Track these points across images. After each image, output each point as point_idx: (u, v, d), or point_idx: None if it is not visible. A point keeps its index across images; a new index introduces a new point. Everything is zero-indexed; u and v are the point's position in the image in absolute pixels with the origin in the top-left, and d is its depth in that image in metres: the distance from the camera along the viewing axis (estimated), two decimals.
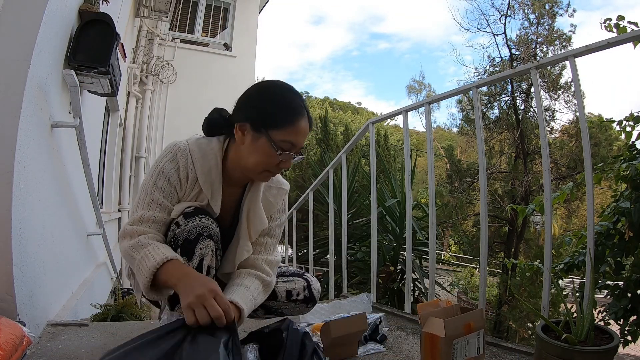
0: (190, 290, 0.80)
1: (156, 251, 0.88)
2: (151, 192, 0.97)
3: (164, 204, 0.97)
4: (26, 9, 1.23)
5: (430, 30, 74.51)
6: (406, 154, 1.94)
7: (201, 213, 0.96)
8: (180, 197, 1.00)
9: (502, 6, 8.89)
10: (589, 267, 1.25)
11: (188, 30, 5.89)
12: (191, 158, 0.98)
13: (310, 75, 77.85)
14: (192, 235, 0.93)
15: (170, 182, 0.97)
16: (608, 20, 1.97)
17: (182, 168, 0.98)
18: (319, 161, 8.81)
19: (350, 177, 4.16)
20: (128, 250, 0.92)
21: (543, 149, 1.44)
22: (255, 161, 0.97)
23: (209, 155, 1.00)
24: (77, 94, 1.58)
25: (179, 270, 0.87)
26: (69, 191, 1.85)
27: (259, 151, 0.96)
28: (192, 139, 1.03)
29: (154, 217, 0.95)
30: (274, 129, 0.95)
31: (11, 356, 0.95)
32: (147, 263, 0.87)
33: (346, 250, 2.29)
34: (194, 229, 0.93)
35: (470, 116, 9.52)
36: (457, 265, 10.80)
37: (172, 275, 0.86)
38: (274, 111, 0.96)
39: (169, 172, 0.97)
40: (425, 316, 1.00)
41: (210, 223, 0.96)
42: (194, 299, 0.79)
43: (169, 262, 0.87)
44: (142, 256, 0.88)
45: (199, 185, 0.99)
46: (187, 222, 0.94)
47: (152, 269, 0.86)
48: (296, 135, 0.97)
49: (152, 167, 1.00)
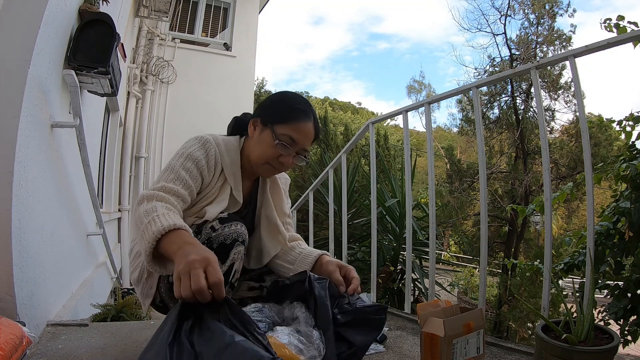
0: (183, 258, 0.72)
1: (166, 217, 0.83)
2: (177, 171, 0.99)
3: (188, 183, 0.99)
4: (26, 9, 1.23)
5: (429, 31, 74.58)
6: (406, 154, 1.95)
7: (236, 220, 1.00)
8: (205, 184, 1.04)
9: (502, 6, 8.92)
10: (589, 267, 1.25)
11: (188, 30, 5.89)
12: (219, 151, 1.06)
13: (310, 76, 77.90)
14: (229, 240, 0.96)
15: (197, 166, 1.02)
16: (608, 20, 1.97)
17: (211, 156, 1.04)
18: (319, 161, 8.81)
19: (350, 177, 4.16)
20: (141, 214, 0.85)
21: (543, 149, 1.44)
22: (259, 153, 1.07)
23: (231, 150, 1.09)
24: (77, 94, 1.58)
25: (182, 238, 0.79)
26: (69, 191, 1.85)
27: (262, 143, 1.06)
28: (215, 135, 1.10)
29: (177, 190, 0.96)
30: (279, 123, 1.05)
31: (11, 356, 0.95)
32: (152, 227, 0.80)
33: (346, 250, 2.30)
34: (230, 235, 0.96)
35: (470, 116, 9.52)
36: (457, 265, 10.80)
37: (174, 243, 0.78)
38: (281, 108, 1.08)
39: (198, 156, 1.02)
40: (425, 316, 1.00)
41: (244, 230, 1.00)
42: (183, 266, 0.70)
43: (176, 230, 0.80)
44: (150, 220, 0.82)
45: (224, 177, 1.07)
46: (223, 227, 0.97)
47: (156, 234, 0.79)
48: (297, 132, 1.05)
49: (178, 152, 1.04)
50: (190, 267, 0.69)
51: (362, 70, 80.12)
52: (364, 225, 4.21)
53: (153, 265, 0.83)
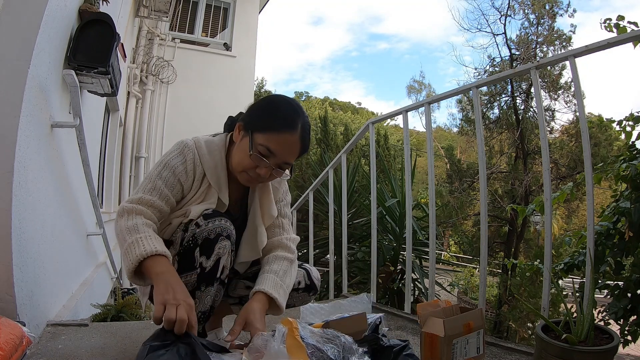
0: (171, 290, 0.83)
1: (148, 241, 0.89)
2: (154, 180, 1.00)
3: (164, 193, 1.00)
4: (26, 9, 1.23)
5: (429, 31, 74.55)
6: (406, 154, 1.94)
7: (220, 215, 0.99)
8: (185, 191, 1.03)
9: (502, 6, 8.92)
10: (589, 267, 1.25)
11: (188, 30, 5.89)
12: (198, 154, 1.03)
13: (310, 76, 77.83)
14: (212, 235, 0.96)
15: (174, 174, 1.01)
16: (608, 20, 1.97)
17: (189, 162, 1.02)
18: (319, 161, 8.82)
19: (350, 177, 4.16)
20: (123, 230, 0.93)
21: (543, 149, 1.44)
22: (237, 160, 1.02)
23: (214, 151, 1.05)
24: (77, 94, 1.58)
25: (166, 266, 0.89)
26: (69, 191, 1.85)
27: (241, 150, 1.01)
28: (199, 137, 1.07)
29: (153, 201, 0.98)
30: (258, 131, 0.99)
31: (11, 356, 0.95)
32: (135, 250, 0.88)
33: (346, 250, 2.30)
34: (214, 229, 0.96)
35: (470, 116, 9.52)
36: (457, 265, 10.80)
37: (157, 267, 0.88)
38: (264, 116, 1.01)
39: (175, 164, 1.01)
40: (425, 316, 1.00)
41: (229, 225, 0.99)
42: (171, 299, 0.81)
43: (157, 256, 0.88)
44: (133, 241, 0.89)
45: (207, 181, 1.04)
46: (207, 223, 0.96)
47: (139, 257, 0.87)
48: (276, 143, 0.98)
49: (159, 160, 1.04)
50: (177, 303, 0.81)
51: (362, 71, 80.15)
52: (364, 225, 4.21)
53: (133, 280, 0.92)
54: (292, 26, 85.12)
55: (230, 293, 1.17)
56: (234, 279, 1.16)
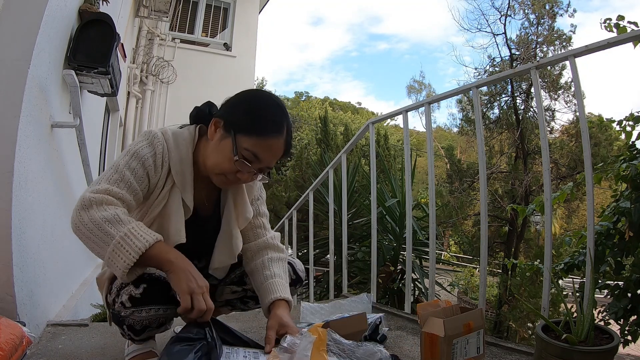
0: (192, 277, 0.82)
1: (143, 230, 0.83)
2: (122, 171, 0.89)
3: (133, 187, 0.89)
4: (26, 9, 1.23)
5: (429, 32, 74.56)
6: (406, 154, 1.94)
7: (153, 302, 0.87)
8: (152, 186, 0.94)
9: (502, 6, 8.92)
10: (589, 267, 1.25)
11: (188, 30, 5.89)
12: (167, 146, 0.94)
13: (310, 76, 77.77)
14: (138, 326, 0.89)
15: (144, 166, 0.91)
16: (608, 20, 1.98)
17: (158, 155, 0.92)
18: (319, 161, 8.80)
19: (350, 177, 4.15)
20: (101, 223, 0.81)
21: (543, 149, 1.44)
22: (215, 161, 0.94)
23: (181, 145, 0.96)
24: (77, 94, 1.58)
25: (172, 251, 0.85)
26: (69, 191, 1.85)
27: (220, 152, 0.92)
28: (166, 128, 0.98)
29: (122, 195, 0.87)
30: (243, 134, 0.91)
31: (11, 356, 0.95)
32: (134, 243, 0.80)
33: (346, 250, 2.29)
34: (141, 321, 0.88)
35: (470, 116, 9.52)
36: (457, 265, 10.79)
37: (168, 252, 0.84)
38: (250, 118, 0.92)
39: (144, 155, 0.91)
40: (425, 316, 1.00)
41: (161, 313, 0.89)
42: (196, 287, 0.81)
43: (160, 242, 0.84)
44: (126, 233, 0.81)
45: (172, 179, 0.94)
46: (132, 312, 0.86)
47: (141, 249, 0.80)
48: (262, 149, 0.91)
49: (126, 149, 0.94)
50: (202, 290, 0.82)
51: (361, 71, 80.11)
52: (364, 225, 4.21)
53: (127, 276, 0.82)
54: (292, 26, 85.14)
55: (217, 298, 1.15)
56: (219, 285, 1.14)
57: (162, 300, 0.88)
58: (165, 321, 0.92)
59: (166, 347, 0.77)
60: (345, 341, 0.90)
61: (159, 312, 0.89)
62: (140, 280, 0.86)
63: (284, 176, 10.63)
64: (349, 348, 0.88)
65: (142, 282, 0.86)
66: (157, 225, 0.94)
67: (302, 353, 0.78)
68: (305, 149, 11.11)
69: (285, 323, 0.94)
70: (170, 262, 0.83)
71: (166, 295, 0.88)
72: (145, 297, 0.86)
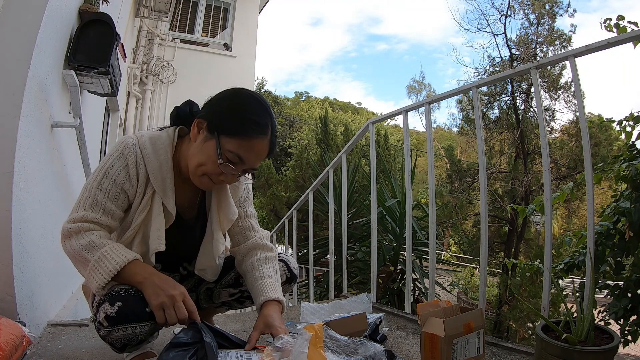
0: (160, 291, 0.83)
1: (115, 252, 0.85)
2: (95, 194, 0.88)
3: (108, 208, 0.89)
4: (26, 9, 1.23)
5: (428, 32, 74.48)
6: (406, 154, 1.94)
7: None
8: (131, 198, 0.93)
9: (502, 6, 8.91)
10: (589, 267, 1.25)
11: (188, 30, 5.89)
12: (141, 154, 0.91)
13: (310, 76, 77.67)
14: (118, 345, 0.88)
15: (116, 183, 0.89)
16: (608, 20, 1.98)
17: (131, 166, 0.90)
18: (319, 161, 8.81)
19: (350, 177, 4.15)
20: (79, 251, 0.85)
21: (543, 149, 1.44)
22: (197, 162, 0.91)
23: (159, 149, 0.93)
24: (77, 94, 1.58)
25: (143, 269, 0.87)
26: (69, 191, 1.85)
27: (204, 153, 0.90)
28: (142, 133, 0.95)
29: (97, 219, 0.88)
30: (227, 136, 0.89)
31: (11, 356, 0.95)
32: (106, 265, 0.83)
33: (346, 250, 2.29)
34: (119, 339, 0.86)
35: (470, 116, 9.52)
36: (457, 265, 10.79)
37: (137, 274, 0.86)
38: (234, 119, 0.90)
39: (115, 172, 0.89)
40: (425, 316, 1.00)
41: (139, 331, 0.86)
42: (166, 299, 0.82)
43: (130, 264, 0.85)
44: (99, 257, 0.84)
45: (152, 187, 0.92)
46: (110, 331, 0.84)
47: (112, 272, 0.83)
48: (247, 151, 0.90)
49: (98, 166, 0.92)
50: (173, 301, 0.83)
51: (361, 71, 80.00)
52: (364, 225, 4.21)
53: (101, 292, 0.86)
54: (291, 27, 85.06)
55: (214, 300, 1.16)
56: (216, 288, 1.14)
57: (139, 317, 0.85)
58: (144, 337, 0.89)
59: (161, 354, 0.78)
60: (341, 337, 0.90)
61: (136, 329, 0.85)
62: (116, 297, 0.84)
63: (284, 176, 10.66)
64: (345, 344, 0.89)
65: (118, 300, 0.84)
66: (141, 233, 0.94)
67: (298, 350, 0.78)
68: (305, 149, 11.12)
69: (270, 323, 0.93)
70: (138, 283, 0.85)
71: (144, 311, 0.85)
72: (121, 316, 0.83)
